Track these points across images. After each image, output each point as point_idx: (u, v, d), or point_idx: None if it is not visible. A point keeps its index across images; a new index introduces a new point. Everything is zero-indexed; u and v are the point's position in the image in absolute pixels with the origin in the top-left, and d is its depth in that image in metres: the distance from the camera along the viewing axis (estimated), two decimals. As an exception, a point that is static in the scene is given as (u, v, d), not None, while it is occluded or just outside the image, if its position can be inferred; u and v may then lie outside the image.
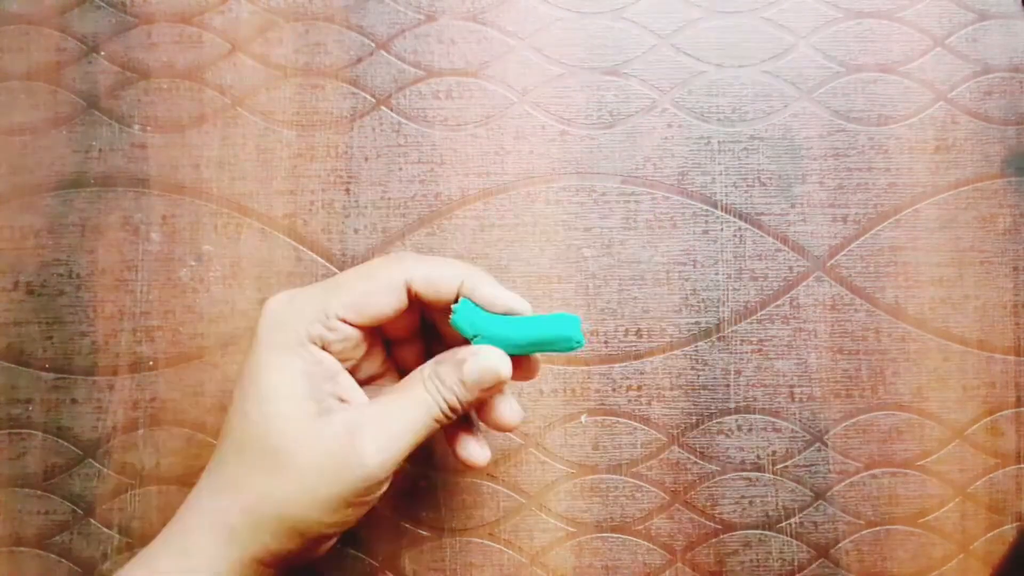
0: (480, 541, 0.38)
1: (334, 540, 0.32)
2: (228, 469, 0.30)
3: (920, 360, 0.38)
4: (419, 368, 0.31)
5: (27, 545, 0.38)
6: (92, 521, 0.38)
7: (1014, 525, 0.38)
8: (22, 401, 0.38)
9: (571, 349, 0.30)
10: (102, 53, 0.39)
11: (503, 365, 0.30)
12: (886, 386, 0.38)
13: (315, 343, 0.30)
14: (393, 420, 0.30)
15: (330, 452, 0.29)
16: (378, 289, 0.30)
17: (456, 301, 0.30)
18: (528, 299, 0.38)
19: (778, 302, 0.38)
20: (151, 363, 0.38)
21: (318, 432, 0.29)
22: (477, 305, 0.30)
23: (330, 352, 0.30)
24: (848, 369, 0.38)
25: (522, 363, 0.32)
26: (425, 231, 0.39)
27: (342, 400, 0.30)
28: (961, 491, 0.38)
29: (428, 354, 0.33)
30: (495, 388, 0.30)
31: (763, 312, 0.38)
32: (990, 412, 0.38)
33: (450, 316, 0.30)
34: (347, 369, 0.31)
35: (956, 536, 0.38)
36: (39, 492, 0.38)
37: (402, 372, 0.34)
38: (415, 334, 0.33)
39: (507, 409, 0.32)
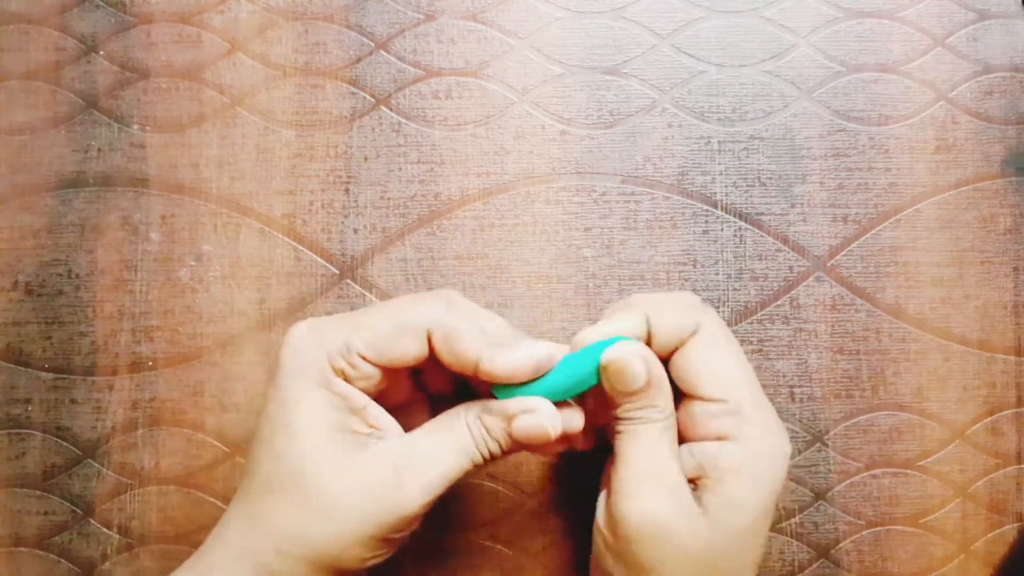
0: (480, 541, 0.38)
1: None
2: (258, 506, 0.29)
3: (920, 360, 0.38)
4: (464, 407, 0.30)
5: (27, 545, 0.38)
6: (92, 521, 0.38)
7: (1014, 525, 0.38)
8: (21, 401, 0.38)
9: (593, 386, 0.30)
10: (101, 53, 0.39)
11: (553, 425, 0.29)
12: (886, 386, 0.38)
13: (340, 377, 0.29)
14: (436, 461, 0.29)
15: (372, 491, 0.28)
16: (399, 333, 0.29)
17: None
18: (528, 299, 0.38)
19: (778, 302, 0.38)
20: (151, 363, 0.38)
21: (358, 469, 0.28)
22: None
23: (356, 387, 0.29)
24: (848, 369, 0.38)
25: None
26: (425, 231, 0.38)
27: (375, 428, 0.29)
28: (962, 491, 0.38)
29: (459, 382, 0.32)
30: (540, 444, 0.29)
31: (763, 312, 0.38)
32: (990, 412, 0.38)
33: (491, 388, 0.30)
34: (372, 397, 0.30)
35: (956, 536, 0.38)
36: (39, 492, 0.38)
37: (431, 398, 0.33)
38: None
39: (570, 416, 0.30)
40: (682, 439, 0.31)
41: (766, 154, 0.39)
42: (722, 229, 0.39)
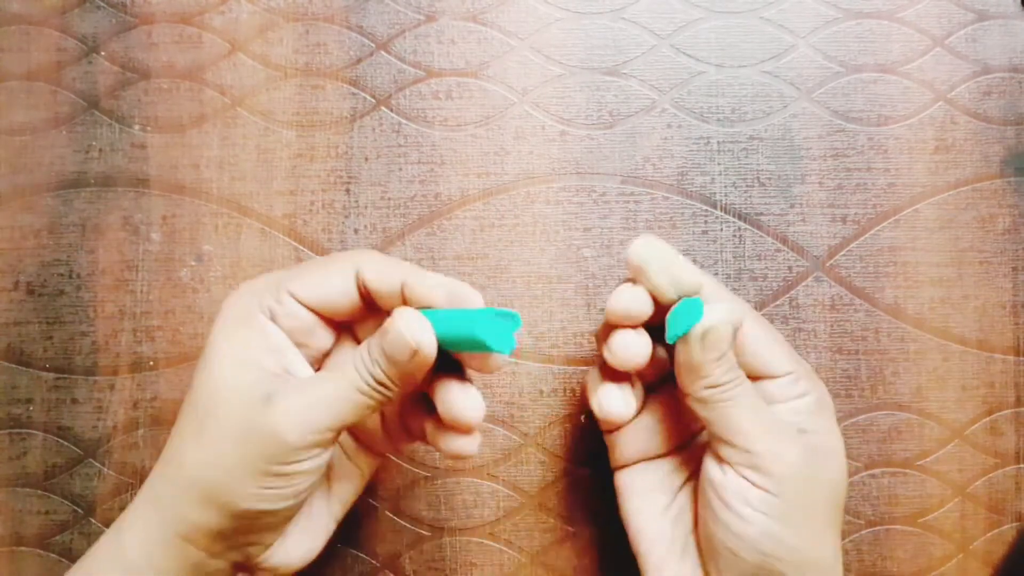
0: (480, 541, 0.38)
1: (277, 536, 0.30)
2: (172, 452, 0.29)
3: (919, 360, 0.38)
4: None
5: (27, 545, 0.38)
6: (92, 521, 0.38)
7: (1014, 525, 0.38)
8: (22, 401, 0.38)
9: (500, 352, 0.27)
10: (102, 53, 0.39)
11: (417, 336, 0.27)
12: (885, 386, 0.38)
13: (265, 315, 0.29)
14: (315, 391, 0.28)
15: (244, 415, 0.28)
16: (327, 271, 0.30)
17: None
18: (528, 299, 0.38)
19: (777, 302, 0.39)
20: (151, 363, 0.38)
21: (240, 395, 0.28)
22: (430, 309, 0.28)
23: (281, 328, 0.30)
24: (847, 369, 0.38)
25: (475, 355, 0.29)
26: (425, 231, 0.39)
27: (287, 372, 0.30)
28: (961, 491, 0.38)
29: None
30: (415, 363, 0.27)
31: (762, 312, 0.38)
32: (989, 412, 0.38)
33: None
34: (315, 362, 0.31)
35: (956, 536, 0.38)
36: (39, 492, 0.38)
37: None
38: None
39: (461, 398, 0.28)
40: None
41: (765, 154, 0.39)
42: (721, 229, 0.39)
